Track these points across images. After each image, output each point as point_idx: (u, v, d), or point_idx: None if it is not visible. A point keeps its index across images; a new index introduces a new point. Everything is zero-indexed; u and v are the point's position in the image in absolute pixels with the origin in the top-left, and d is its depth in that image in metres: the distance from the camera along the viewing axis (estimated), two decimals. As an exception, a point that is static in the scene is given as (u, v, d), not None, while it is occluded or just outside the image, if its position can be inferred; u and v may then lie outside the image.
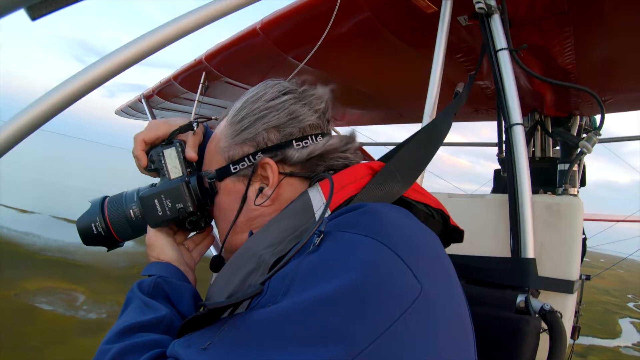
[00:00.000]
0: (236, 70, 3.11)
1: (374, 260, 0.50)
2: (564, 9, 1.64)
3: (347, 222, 0.57)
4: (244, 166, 0.79)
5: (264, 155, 0.77)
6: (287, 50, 2.47)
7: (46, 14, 0.51)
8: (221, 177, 0.82)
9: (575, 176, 2.33)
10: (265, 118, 0.78)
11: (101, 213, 0.86)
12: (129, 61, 0.77)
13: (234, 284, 0.64)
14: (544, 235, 1.19)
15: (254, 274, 0.62)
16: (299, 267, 0.53)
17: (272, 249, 0.63)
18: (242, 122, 0.80)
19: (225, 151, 0.81)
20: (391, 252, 0.51)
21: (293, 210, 0.70)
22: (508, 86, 1.33)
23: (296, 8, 2.07)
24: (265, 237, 0.68)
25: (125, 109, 5.62)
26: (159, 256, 0.85)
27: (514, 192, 1.23)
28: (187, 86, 3.65)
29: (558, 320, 0.93)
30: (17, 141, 0.68)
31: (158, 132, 0.88)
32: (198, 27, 0.85)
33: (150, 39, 0.80)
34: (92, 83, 0.74)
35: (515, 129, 1.28)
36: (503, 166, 2.10)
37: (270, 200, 0.77)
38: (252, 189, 0.79)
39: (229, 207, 0.82)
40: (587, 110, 2.84)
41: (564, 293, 1.14)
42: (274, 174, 0.77)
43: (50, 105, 0.70)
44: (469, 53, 2.12)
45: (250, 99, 0.82)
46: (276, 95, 0.80)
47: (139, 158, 0.87)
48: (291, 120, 0.78)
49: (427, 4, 1.67)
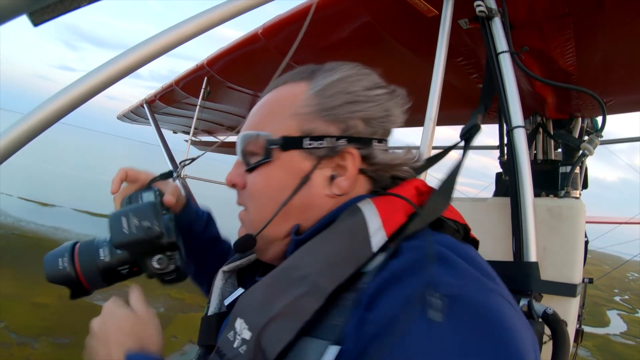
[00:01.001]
0: (238, 75, 3.11)
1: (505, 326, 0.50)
2: (565, 11, 1.64)
3: (448, 284, 0.52)
4: (321, 145, 0.69)
5: (349, 144, 0.70)
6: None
7: (48, 20, 0.52)
8: (287, 147, 0.70)
9: (577, 179, 2.32)
10: (361, 106, 0.71)
11: (70, 257, 0.77)
12: (145, 58, 0.78)
13: (279, 305, 0.57)
14: (547, 239, 1.19)
15: (307, 298, 0.56)
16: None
17: (328, 273, 0.58)
18: (333, 99, 0.71)
19: (305, 120, 0.71)
20: (511, 307, 0.53)
21: (346, 229, 0.63)
22: (509, 89, 1.33)
23: (297, 13, 2.08)
24: (316, 257, 0.61)
25: (127, 114, 5.63)
26: (146, 344, 0.70)
27: (515, 195, 1.23)
28: (188, 91, 3.66)
29: (561, 324, 0.93)
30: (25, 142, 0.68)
31: (140, 174, 0.91)
32: (208, 29, 0.86)
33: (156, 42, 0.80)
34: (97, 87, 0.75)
35: (517, 131, 1.28)
36: (505, 169, 2.10)
37: (337, 192, 0.70)
38: (319, 173, 0.70)
39: (281, 184, 0.71)
40: (589, 112, 2.83)
41: (566, 297, 1.13)
42: (355, 167, 0.70)
43: (67, 101, 0.71)
44: (470, 57, 2.12)
45: (346, 79, 0.73)
46: (373, 85, 0.73)
47: (113, 184, 0.88)
48: (384, 118, 0.73)
49: (428, 8, 1.68)
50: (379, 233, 0.61)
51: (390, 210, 0.64)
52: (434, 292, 0.49)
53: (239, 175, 0.77)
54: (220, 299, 0.85)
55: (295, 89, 0.75)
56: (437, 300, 0.49)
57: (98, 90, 0.78)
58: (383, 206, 0.64)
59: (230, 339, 0.58)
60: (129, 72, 0.80)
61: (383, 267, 0.56)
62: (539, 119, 2.82)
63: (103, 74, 0.78)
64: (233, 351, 0.56)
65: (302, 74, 0.76)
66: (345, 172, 0.70)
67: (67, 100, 0.75)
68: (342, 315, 0.55)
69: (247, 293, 0.64)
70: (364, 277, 0.57)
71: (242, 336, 0.57)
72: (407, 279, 0.52)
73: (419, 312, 0.48)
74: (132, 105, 5.15)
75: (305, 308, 0.55)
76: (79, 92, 0.76)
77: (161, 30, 0.85)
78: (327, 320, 0.56)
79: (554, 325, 0.93)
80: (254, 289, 0.63)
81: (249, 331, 0.56)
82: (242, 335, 0.57)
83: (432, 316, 0.48)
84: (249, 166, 0.74)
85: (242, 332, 0.57)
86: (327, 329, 0.55)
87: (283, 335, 0.54)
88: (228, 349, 0.57)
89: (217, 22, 0.90)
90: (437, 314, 0.48)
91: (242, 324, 0.58)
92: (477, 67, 2.25)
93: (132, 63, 0.81)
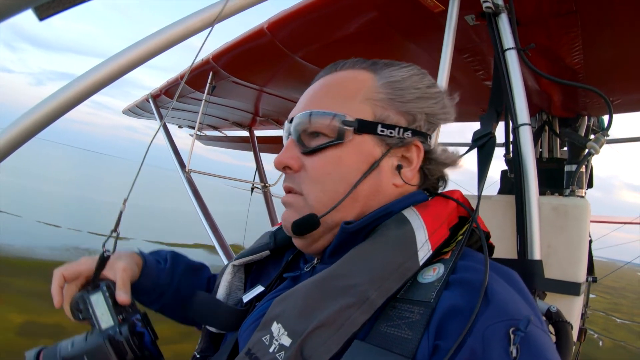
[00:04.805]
0: (243, 70, 3.11)
1: None
2: (572, 8, 1.63)
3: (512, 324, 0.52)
4: (392, 134, 0.70)
5: (414, 137, 0.71)
6: (294, 50, 2.47)
7: (54, 14, 0.52)
8: (361, 130, 0.70)
9: (582, 177, 2.31)
10: (427, 102, 0.73)
11: None
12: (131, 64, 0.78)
13: (324, 314, 0.55)
14: (551, 237, 1.18)
15: (355, 310, 0.55)
16: None
17: (377, 285, 0.57)
18: (405, 92, 0.72)
19: (377, 107, 0.71)
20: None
21: (395, 240, 0.63)
22: (516, 86, 1.32)
23: (303, 8, 2.07)
24: (365, 267, 0.60)
25: (133, 108, 5.64)
26: None
27: (521, 193, 1.22)
28: (194, 86, 3.66)
29: (564, 322, 0.92)
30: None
31: (80, 267, 0.79)
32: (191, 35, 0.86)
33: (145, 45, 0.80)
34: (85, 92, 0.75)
35: (523, 129, 1.27)
36: (510, 167, 2.09)
37: (402, 182, 0.72)
38: (387, 160, 0.71)
39: (351, 166, 0.70)
40: (595, 111, 2.82)
41: (570, 295, 1.13)
42: (419, 160, 0.72)
43: (50, 110, 0.71)
44: (476, 53, 2.11)
45: (413, 76, 0.75)
46: (432, 84, 0.76)
47: (54, 296, 0.77)
48: (442, 114, 0.75)
49: (435, 3, 1.67)
50: (425, 246, 0.62)
51: (435, 223, 0.65)
52: (512, 328, 0.50)
53: (293, 157, 0.73)
54: (228, 292, 0.85)
55: (359, 75, 0.74)
56: (514, 336, 0.50)
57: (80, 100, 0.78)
58: (429, 218, 0.65)
59: (266, 343, 0.57)
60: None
61: (444, 285, 0.56)
62: (545, 117, 2.81)
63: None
64: (269, 355, 0.55)
65: (362, 63, 0.76)
66: (410, 164, 0.72)
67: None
68: (403, 328, 0.54)
69: (285, 297, 0.62)
70: (418, 287, 0.58)
71: (281, 342, 0.55)
72: (481, 314, 0.52)
73: (501, 348, 0.49)
74: (138, 99, 5.17)
75: (353, 319, 0.55)
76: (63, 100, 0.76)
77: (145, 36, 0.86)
78: (377, 326, 0.56)
79: (557, 323, 0.92)
80: (293, 293, 0.62)
81: (288, 337, 0.55)
82: (280, 340, 0.56)
83: (511, 352, 0.49)
84: (312, 148, 0.71)
85: (281, 337, 0.56)
86: (380, 335, 0.55)
87: (330, 345, 0.53)
88: (262, 352, 0.56)
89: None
90: (513, 349, 0.49)
91: (280, 329, 0.57)
92: (484, 64, 2.24)
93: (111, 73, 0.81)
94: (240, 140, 6.06)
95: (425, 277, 0.59)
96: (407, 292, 0.58)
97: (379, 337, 0.54)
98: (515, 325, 0.50)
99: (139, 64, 0.91)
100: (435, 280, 0.58)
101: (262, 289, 0.81)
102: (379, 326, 0.56)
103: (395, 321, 0.55)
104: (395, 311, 0.56)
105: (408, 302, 0.57)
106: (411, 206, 0.68)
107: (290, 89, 3.40)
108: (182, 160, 3.73)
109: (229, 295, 0.85)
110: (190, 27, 1.01)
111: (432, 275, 0.59)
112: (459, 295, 0.55)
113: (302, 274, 0.76)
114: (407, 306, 0.56)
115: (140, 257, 0.91)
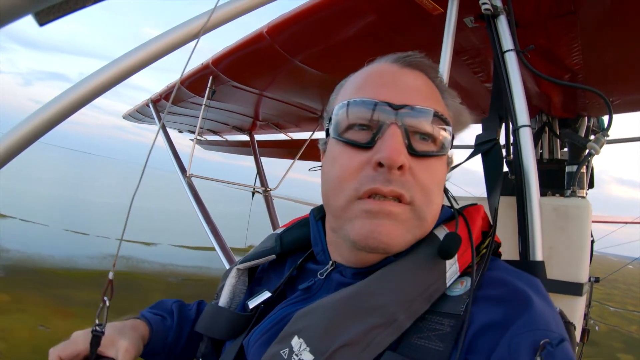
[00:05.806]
0: (243, 74, 3.11)
1: None
2: (571, 9, 1.63)
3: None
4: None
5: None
6: (293, 54, 2.47)
7: (54, 20, 0.52)
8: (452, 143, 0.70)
9: (583, 178, 2.31)
10: (464, 116, 0.75)
11: None
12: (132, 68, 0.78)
13: (350, 333, 0.55)
14: (553, 238, 1.18)
15: (382, 330, 0.55)
16: None
17: (405, 307, 0.56)
18: (457, 106, 0.74)
19: (450, 114, 0.71)
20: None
21: (424, 260, 0.62)
22: (515, 88, 1.32)
23: (302, 12, 2.07)
24: (394, 287, 0.59)
25: (133, 113, 5.64)
26: None
27: (521, 194, 1.22)
28: (194, 90, 3.66)
29: (567, 323, 0.92)
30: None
31: (78, 346, 0.74)
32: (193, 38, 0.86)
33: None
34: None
35: (523, 130, 1.27)
36: (510, 168, 2.09)
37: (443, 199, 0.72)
38: None
39: (443, 180, 0.69)
40: (595, 112, 2.81)
41: (573, 296, 1.13)
42: (448, 169, 0.73)
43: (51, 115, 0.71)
44: (475, 55, 2.11)
45: (447, 86, 0.75)
46: (457, 95, 0.76)
47: None
48: (461, 125, 0.76)
49: (433, 6, 1.67)
50: (454, 267, 0.62)
51: (465, 243, 0.65)
52: (542, 340, 0.51)
53: (405, 156, 0.62)
54: (232, 296, 0.84)
55: (431, 84, 0.72)
56: (542, 349, 0.50)
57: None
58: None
59: (284, 357, 0.56)
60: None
61: (473, 298, 0.57)
62: (544, 118, 2.80)
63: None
64: None
65: (429, 68, 0.74)
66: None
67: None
68: (434, 339, 0.55)
69: (308, 312, 0.61)
70: (446, 300, 0.59)
71: (301, 357, 0.55)
72: (511, 325, 0.53)
73: (526, 357, 0.50)
74: (138, 104, 5.16)
75: (380, 340, 0.55)
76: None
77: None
78: (407, 338, 0.56)
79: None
80: (317, 309, 0.60)
81: (310, 354, 0.55)
82: (301, 356, 0.55)
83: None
84: (422, 152, 0.64)
85: (302, 353, 0.55)
86: (411, 347, 0.55)
87: None
88: None
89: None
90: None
91: (301, 344, 0.56)
92: (483, 66, 2.24)
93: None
94: (240, 144, 6.06)
95: (453, 290, 0.60)
96: (436, 305, 0.58)
97: (410, 349, 0.55)
98: (546, 338, 0.51)
99: (124, 78, 0.92)
100: (464, 294, 0.59)
101: (269, 294, 0.78)
102: (409, 338, 0.56)
103: (426, 333, 0.56)
104: (425, 323, 0.57)
105: (437, 314, 0.57)
106: (442, 225, 0.69)
107: (290, 92, 3.40)
108: (183, 165, 3.73)
109: (232, 300, 0.84)
110: (175, 39, 1.02)
111: (460, 288, 0.60)
112: (492, 309, 0.56)
113: (316, 281, 0.73)
114: (437, 318, 0.57)
115: (145, 324, 0.88)
